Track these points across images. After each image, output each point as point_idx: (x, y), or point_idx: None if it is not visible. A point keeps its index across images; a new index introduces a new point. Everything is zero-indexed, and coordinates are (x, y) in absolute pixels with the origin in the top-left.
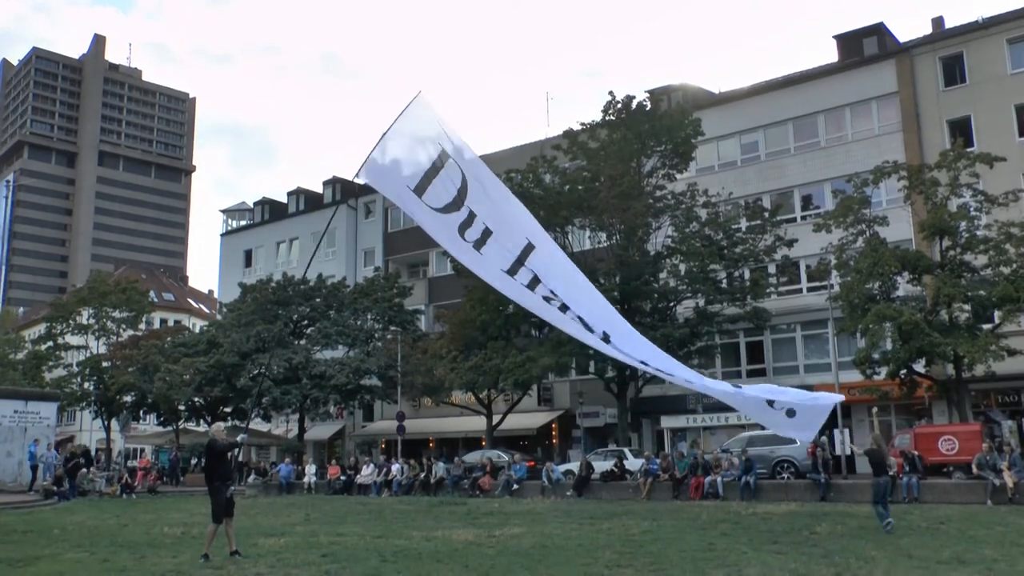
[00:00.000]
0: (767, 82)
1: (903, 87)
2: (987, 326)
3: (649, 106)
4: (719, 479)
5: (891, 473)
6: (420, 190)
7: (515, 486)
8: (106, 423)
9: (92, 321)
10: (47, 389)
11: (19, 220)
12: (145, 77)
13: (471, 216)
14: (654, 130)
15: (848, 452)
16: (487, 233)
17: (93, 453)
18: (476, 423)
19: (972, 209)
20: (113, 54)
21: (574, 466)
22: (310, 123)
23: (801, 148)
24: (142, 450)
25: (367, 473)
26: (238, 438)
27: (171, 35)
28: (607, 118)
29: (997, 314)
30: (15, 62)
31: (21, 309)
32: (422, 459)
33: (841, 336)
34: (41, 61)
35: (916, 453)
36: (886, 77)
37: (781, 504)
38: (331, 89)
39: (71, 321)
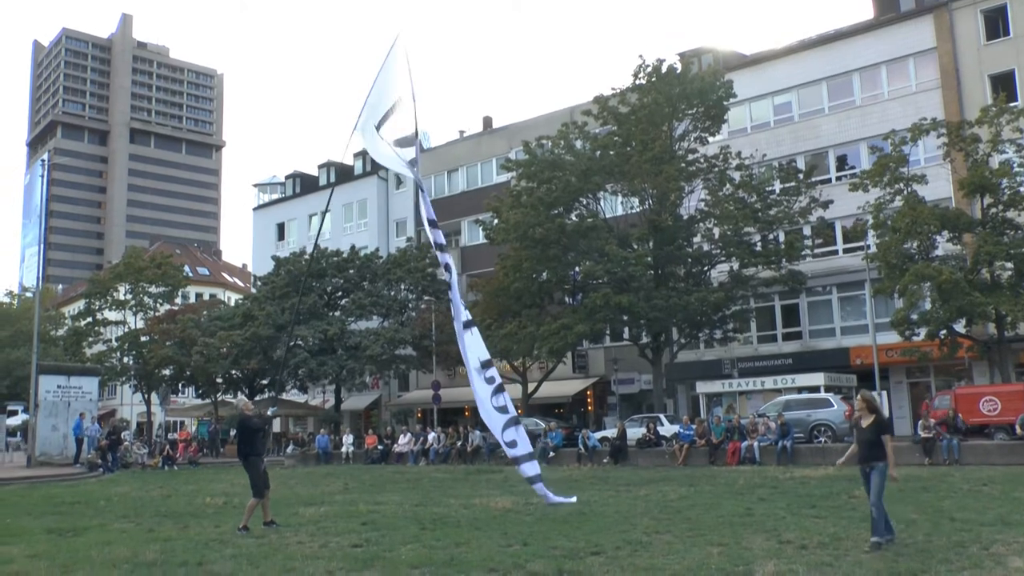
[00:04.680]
0: (800, 42)
1: (941, 42)
2: None
3: (680, 69)
4: (755, 444)
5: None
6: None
7: (551, 454)
8: (146, 396)
9: (129, 297)
10: (88, 364)
11: (55, 199)
12: (173, 54)
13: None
14: (685, 93)
15: (887, 415)
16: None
17: (134, 426)
18: (511, 391)
19: (1016, 165)
20: (142, 32)
21: (610, 433)
22: (341, 95)
23: (836, 108)
24: (182, 422)
25: (404, 442)
26: (268, 411)
27: (200, 10)
28: (637, 82)
29: None
30: (46, 43)
31: (60, 286)
32: (458, 427)
33: (878, 297)
34: (71, 41)
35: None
36: (924, 33)
37: (819, 468)
38: (360, 61)
39: (109, 297)
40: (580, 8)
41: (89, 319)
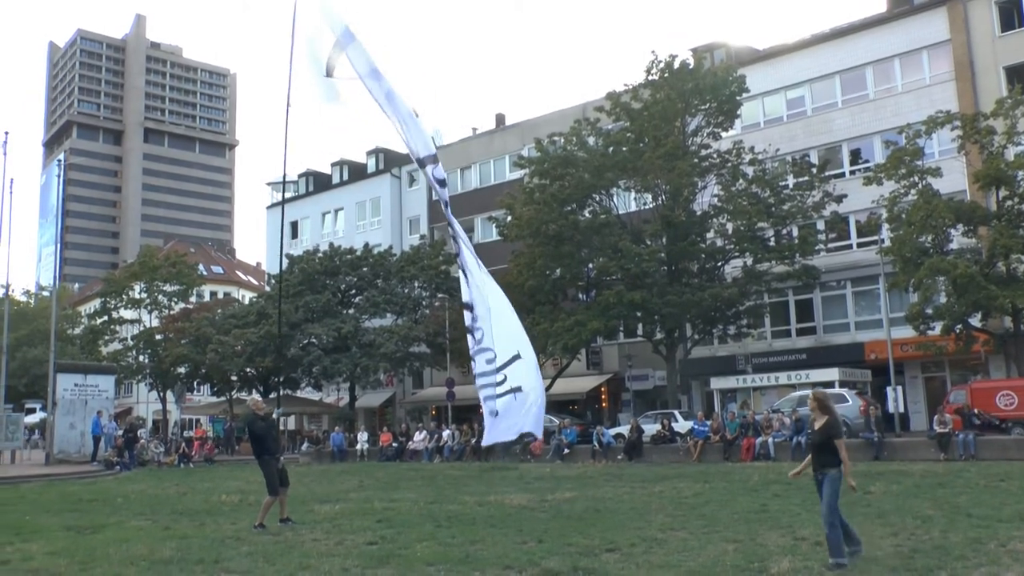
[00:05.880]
0: (813, 36)
1: (955, 34)
2: None
3: (692, 65)
4: (770, 440)
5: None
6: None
7: (566, 450)
8: (161, 394)
9: (144, 295)
10: (104, 363)
11: (71, 199)
12: (186, 54)
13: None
14: (698, 89)
15: (902, 410)
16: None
17: (150, 424)
18: None
19: None
20: (155, 33)
21: (624, 429)
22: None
23: (849, 101)
24: (197, 420)
25: (419, 439)
26: (274, 414)
27: (213, 10)
28: (650, 78)
29: None
30: (61, 45)
31: (76, 285)
32: (473, 425)
33: (893, 291)
34: (86, 42)
35: (974, 409)
36: (937, 25)
37: None
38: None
39: (124, 296)
40: (592, 4)
41: (105, 318)
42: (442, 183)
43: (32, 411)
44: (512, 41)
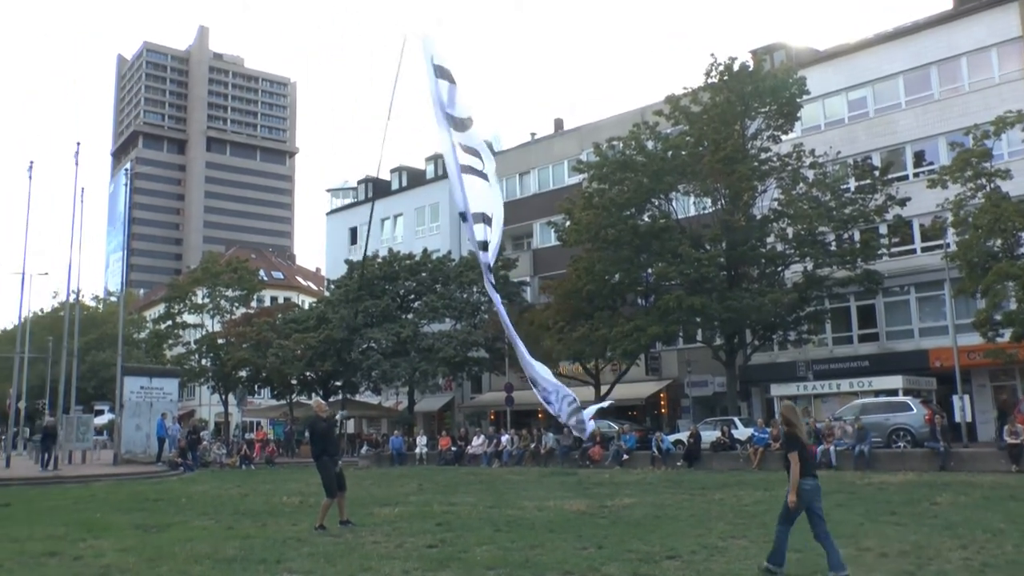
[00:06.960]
0: (876, 35)
1: None
2: None
3: (752, 67)
4: (832, 448)
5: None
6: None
7: (625, 456)
8: (223, 397)
9: (207, 300)
10: (168, 366)
11: (136, 207)
12: (248, 64)
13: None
14: (757, 91)
15: (969, 419)
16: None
17: (212, 427)
18: (584, 393)
19: None
20: (218, 43)
21: (684, 436)
22: (411, 100)
23: (913, 102)
24: (258, 423)
25: (477, 444)
26: (337, 415)
27: (274, 19)
28: (709, 81)
29: None
30: (129, 57)
31: (141, 291)
32: (531, 430)
33: (959, 297)
34: (151, 55)
35: None
36: (1008, 22)
37: (897, 474)
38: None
39: (187, 301)
40: (651, 7)
41: (169, 322)
42: (483, 246)
43: (100, 412)
44: (571, 46)
